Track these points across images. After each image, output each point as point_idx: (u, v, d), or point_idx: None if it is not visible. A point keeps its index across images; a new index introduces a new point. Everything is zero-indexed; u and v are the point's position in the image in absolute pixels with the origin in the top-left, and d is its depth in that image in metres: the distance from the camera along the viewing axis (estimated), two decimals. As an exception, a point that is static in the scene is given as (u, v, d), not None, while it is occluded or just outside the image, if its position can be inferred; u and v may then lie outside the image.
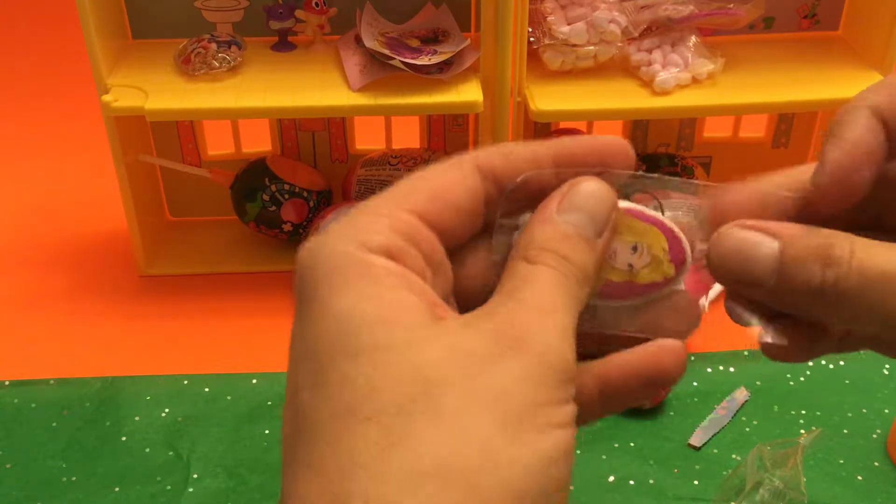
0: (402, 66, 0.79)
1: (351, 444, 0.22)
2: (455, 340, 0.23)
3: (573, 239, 0.26)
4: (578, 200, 0.26)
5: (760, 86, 0.86)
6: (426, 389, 0.22)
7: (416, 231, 0.25)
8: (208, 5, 0.88)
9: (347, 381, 0.23)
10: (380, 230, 0.25)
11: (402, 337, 0.23)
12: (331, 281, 0.24)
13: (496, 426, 0.22)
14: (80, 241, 0.98)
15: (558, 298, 0.25)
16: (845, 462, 0.69)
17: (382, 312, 0.23)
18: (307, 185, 0.91)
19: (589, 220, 0.26)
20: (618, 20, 0.84)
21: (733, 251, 0.26)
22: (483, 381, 0.22)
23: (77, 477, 0.69)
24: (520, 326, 0.23)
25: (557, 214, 0.26)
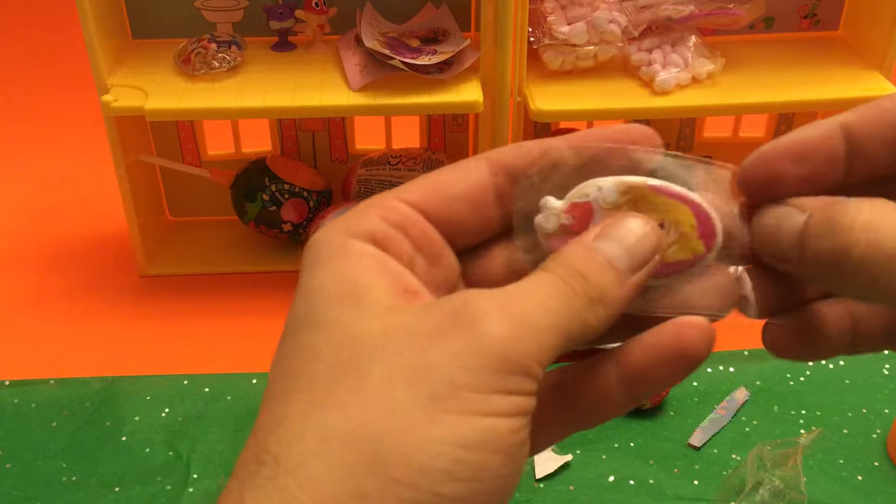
0: (402, 66, 0.79)
1: (283, 408, 0.23)
2: (405, 318, 0.23)
3: (600, 263, 0.25)
4: (619, 232, 0.25)
5: (760, 86, 0.86)
6: (356, 358, 0.23)
7: (406, 219, 0.26)
8: (208, 5, 0.88)
9: (296, 350, 0.24)
10: (367, 218, 0.26)
11: (354, 312, 0.24)
12: (313, 264, 0.25)
13: (415, 400, 0.22)
14: (80, 241, 0.98)
15: (545, 300, 0.24)
16: (845, 462, 0.69)
17: (344, 289, 0.24)
18: (307, 185, 0.91)
19: (624, 253, 0.25)
20: (618, 20, 0.84)
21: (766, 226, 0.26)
22: (414, 355, 0.22)
23: (77, 477, 0.69)
24: (472, 309, 0.23)
25: (593, 241, 0.25)
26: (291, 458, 0.22)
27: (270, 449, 0.22)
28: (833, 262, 0.24)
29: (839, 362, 0.79)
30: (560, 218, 0.27)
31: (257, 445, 0.23)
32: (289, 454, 0.22)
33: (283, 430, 0.23)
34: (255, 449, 0.23)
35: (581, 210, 0.27)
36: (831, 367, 0.78)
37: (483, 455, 0.22)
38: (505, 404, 0.22)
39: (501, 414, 0.22)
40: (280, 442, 0.22)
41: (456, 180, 0.27)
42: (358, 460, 0.21)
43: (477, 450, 0.22)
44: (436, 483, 0.21)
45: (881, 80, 0.86)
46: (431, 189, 0.27)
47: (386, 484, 0.21)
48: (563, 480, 0.68)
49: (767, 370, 0.78)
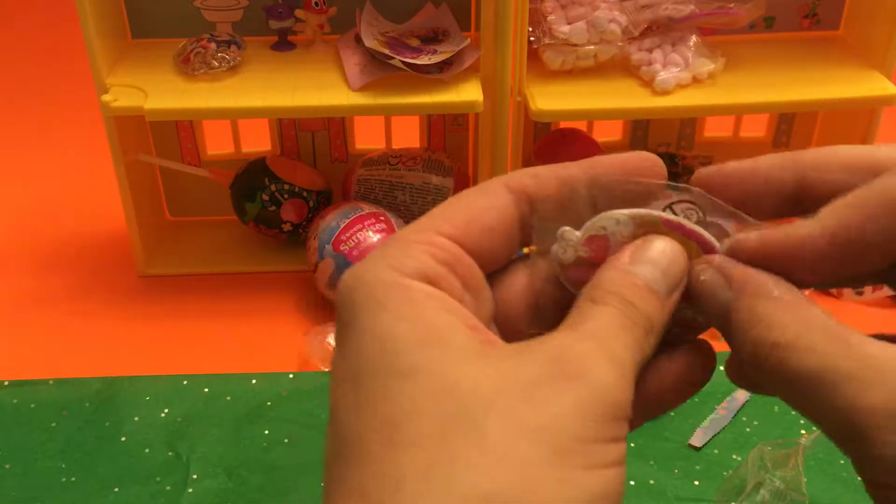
0: (401, 66, 0.79)
1: (393, 465, 0.22)
2: (503, 364, 0.23)
3: (643, 289, 0.25)
4: (652, 255, 0.26)
5: (761, 85, 0.86)
6: (470, 412, 0.22)
7: (453, 256, 0.25)
8: (208, 5, 0.88)
9: (389, 401, 0.22)
10: (417, 255, 0.25)
11: (443, 357, 0.23)
12: (370, 305, 0.24)
13: (541, 457, 0.21)
14: (80, 241, 0.98)
15: (620, 337, 0.24)
16: (846, 462, 0.69)
17: (422, 334, 0.23)
18: (307, 184, 0.91)
19: (661, 276, 0.25)
20: (618, 20, 0.84)
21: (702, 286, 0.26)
22: (530, 408, 0.22)
23: (76, 477, 0.69)
24: (576, 356, 0.23)
25: (630, 265, 0.25)
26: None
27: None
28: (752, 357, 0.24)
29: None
30: (577, 250, 0.27)
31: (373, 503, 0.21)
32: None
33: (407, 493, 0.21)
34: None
35: (598, 242, 0.27)
36: (832, 367, 0.78)
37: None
38: (621, 450, 0.22)
39: (619, 462, 0.22)
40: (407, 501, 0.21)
41: (488, 210, 0.26)
42: None
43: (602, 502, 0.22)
44: None
45: (881, 79, 0.86)
46: (467, 220, 0.26)
47: None
48: (564, 481, 0.68)
49: (768, 370, 0.77)
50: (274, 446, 0.71)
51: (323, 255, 0.83)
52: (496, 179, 0.27)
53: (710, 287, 0.25)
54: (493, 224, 0.26)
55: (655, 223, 0.27)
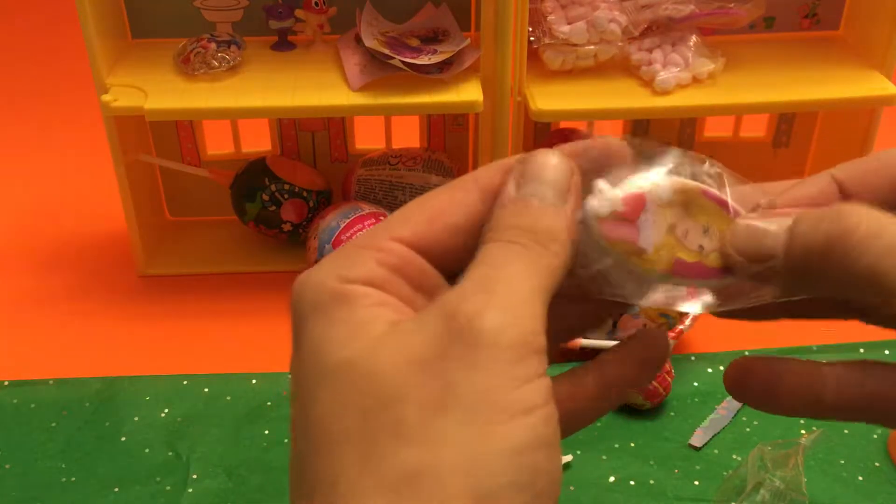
0: (401, 66, 0.79)
1: (330, 469, 0.22)
2: (406, 344, 0.23)
3: (535, 208, 0.25)
4: (534, 172, 0.26)
5: (761, 85, 0.86)
6: (386, 404, 0.22)
7: (402, 260, 0.25)
8: (208, 5, 0.88)
9: (318, 402, 0.23)
10: (363, 262, 0.25)
11: (362, 349, 0.23)
12: (311, 312, 0.25)
13: (458, 426, 0.22)
14: (80, 241, 0.98)
15: (513, 268, 0.24)
16: (846, 462, 0.69)
17: (349, 330, 0.24)
18: (307, 184, 0.91)
19: (549, 188, 0.25)
20: (618, 20, 0.84)
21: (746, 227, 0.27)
22: (437, 383, 0.22)
23: (76, 477, 0.69)
24: (466, 313, 0.23)
25: (515, 192, 0.26)
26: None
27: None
28: (826, 248, 0.24)
29: (840, 362, 0.79)
30: (614, 204, 0.27)
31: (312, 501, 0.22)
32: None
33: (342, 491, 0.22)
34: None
35: (635, 201, 0.27)
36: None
37: (536, 453, 0.22)
38: (534, 392, 0.22)
39: (536, 405, 0.22)
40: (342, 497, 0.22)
41: (451, 210, 0.26)
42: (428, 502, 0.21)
43: (531, 448, 0.22)
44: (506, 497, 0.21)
45: (881, 79, 0.86)
46: (427, 221, 0.26)
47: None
48: (564, 481, 0.68)
49: (768, 370, 0.77)
50: (274, 446, 0.71)
51: (323, 254, 0.83)
52: (468, 176, 0.27)
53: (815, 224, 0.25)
54: (458, 221, 0.26)
55: (693, 191, 0.27)
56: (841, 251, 0.24)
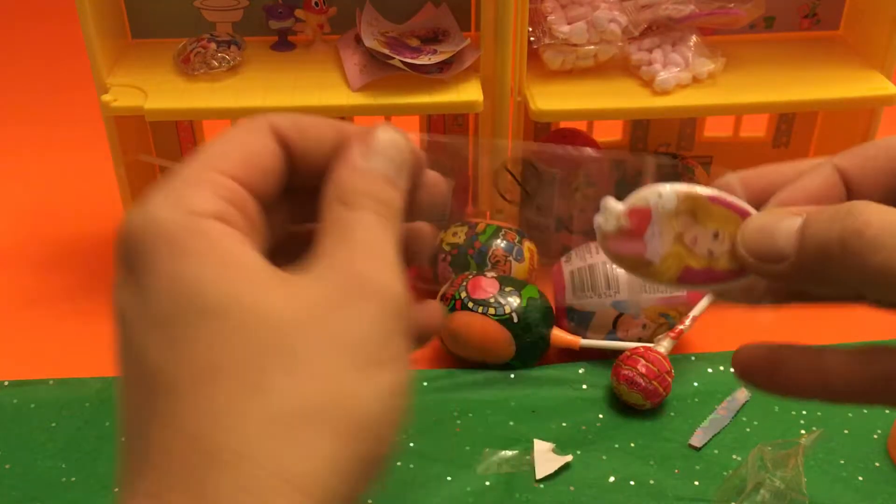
0: (402, 66, 0.79)
1: (212, 400, 0.23)
2: (304, 290, 0.25)
3: (383, 182, 0.28)
4: (380, 147, 0.28)
5: (761, 85, 0.86)
6: (279, 339, 0.23)
7: (238, 196, 0.26)
8: (208, 5, 0.88)
9: (201, 341, 0.23)
10: (204, 195, 0.25)
11: (250, 291, 0.24)
12: (168, 249, 0.24)
13: (346, 367, 0.24)
14: (80, 241, 0.98)
15: (385, 238, 0.27)
16: (846, 462, 0.69)
17: (226, 271, 0.24)
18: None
19: (391, 164, 0.28)
20: (618, 20, 0.84)
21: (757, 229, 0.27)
22: (332, 326, 0.24)
23: (76, 477, 0.69)
24: (361, 272, 0.25)
25: (364, 161, 0.28)
26: (243, 444, 0.22)
27: (215, 439, 0.22)
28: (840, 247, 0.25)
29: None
30: (620, 220, 0.28)
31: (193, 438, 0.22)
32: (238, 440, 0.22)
33: (221, 418, 0.22)
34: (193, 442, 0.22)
35: (640, 215, 0.28)
36: (832, 367, 0.78)
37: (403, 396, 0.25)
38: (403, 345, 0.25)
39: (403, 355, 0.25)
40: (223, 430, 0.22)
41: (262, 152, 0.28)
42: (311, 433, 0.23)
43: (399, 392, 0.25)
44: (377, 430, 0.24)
45: (881, 79, 0.86)
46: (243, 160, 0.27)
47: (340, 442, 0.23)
48: (564, 481, 0.68)
49: (768, 370, 0.77)
50: (274, 446, 0.71)
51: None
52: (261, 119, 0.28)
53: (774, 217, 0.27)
54: (266, 166, 0.28)
55: (699, 198, 0.28)
56: (855, 249, 0.25)
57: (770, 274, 0.27)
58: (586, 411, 0.74)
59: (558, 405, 0.75)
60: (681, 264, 0.28)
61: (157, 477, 0.23)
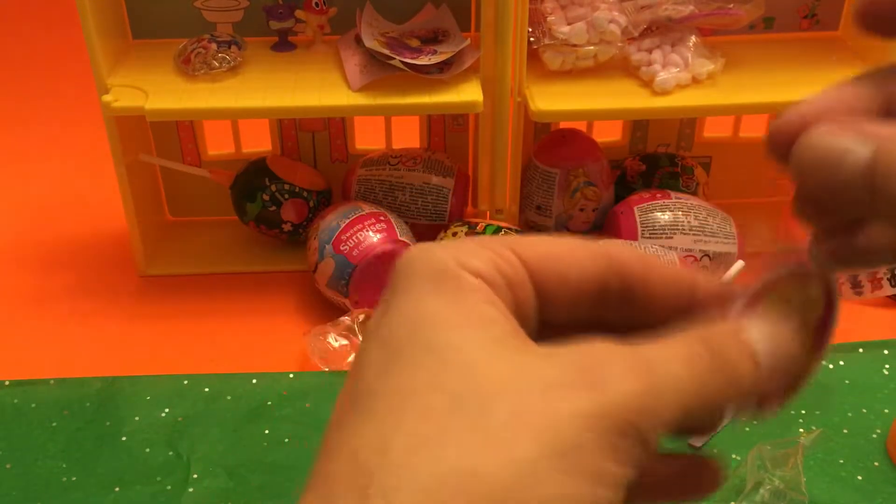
0: (402, 66, 0.79)
1: (391, 431, 0.22)
2: (529, 360, 0.23)
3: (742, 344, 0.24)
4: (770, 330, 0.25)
5: (760, 86, 0.86)
6: (480, 397, 0.22)
7: (515, 276, 0.25)
8: (208, 5, 0.88)
9: (411, 370, 0.22)
10: (482, 257, 0.25)
11: (476, 342, 0.23)
12: (421, 282, 0.24)
13: (538, 453, 0.21)
14: (80, 241, 0.98)
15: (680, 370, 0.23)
16: (845, 462, 0.69)
17: (462, 318, 0.23)
18: (307, 185, 0.91)
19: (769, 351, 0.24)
20: (618, 20, 0.84)
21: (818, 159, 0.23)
22: (540, 405, 0.21)
23: (77, 477, 0.69)
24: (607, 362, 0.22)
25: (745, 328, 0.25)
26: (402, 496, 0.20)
27: (380, 479, 0.21)
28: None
29: (839, 362, 0.79)
30: None
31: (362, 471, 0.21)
32: (399, 489, 0.20)
33: (393, 459, 0.21)
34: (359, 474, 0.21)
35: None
36: (831, 367, 0.78)
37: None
38: (618, 474, 0.22)
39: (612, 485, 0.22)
40: (389, 474, 0.21)
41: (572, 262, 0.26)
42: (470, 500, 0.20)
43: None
44: None
45: (881, 80, 0.86)
46: (546, 256, 0.25)
47: None
48: (564, 480, 0.68)
49: (767, 370, 0.77)
50: (274, 446, 0.71)
51: (323, 255, 0.83)
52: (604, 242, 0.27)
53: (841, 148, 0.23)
54: (569, 275, 0.25)
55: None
56: None
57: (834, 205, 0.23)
58: (586, 411, 0.74)
59: (558, 405, 0.75)
60: None
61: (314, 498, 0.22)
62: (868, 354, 0.79)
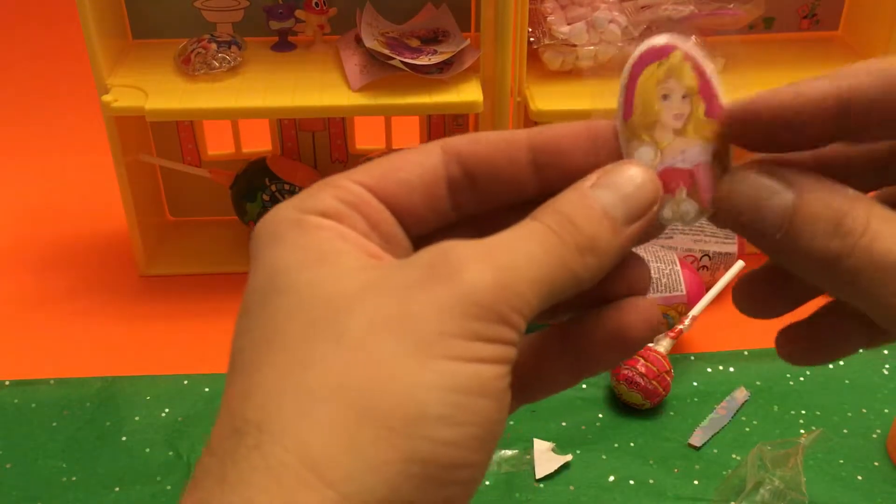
0: (402, 66, 0.79)
1: (257, 373, 0.22)
2: (381, 273, 0.23)
3: (594, 211, 0.24)
4: (618, 180, 0.25)
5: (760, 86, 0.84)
6: (333, 314, 0.22)
7: (360, 199, 0.25)
8: (208, 5, 0.88)
9: (266, 317, 0.23)
10: (321, 197, 0.25)
11: (326, 273, 0.23)
12: (268, 240, 0.25)
13: (400, 349, 0.21)
14: (80, 241, 0.98)
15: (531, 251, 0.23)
16: (845, 462, 0.69)
17: (310, 256, 0.24)
18: (307, 185, 0.90)
19: (621, 202, 0.24)
20: (618, 20, 0.84)
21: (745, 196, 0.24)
22: (395, 305, 0.22)
23: (77, 477, 0.69)
24: (456, 259, 0.22)
25: (591, 189, 0.24)
26: (274, 423, 0.21)
27: (248, 417, 0.21)
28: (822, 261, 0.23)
29: (839, 362, 0.79)
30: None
31: (232, 416, 0.22)
32: (270, 419, 0.21)
33: (260, 395, 0.21)
34: (231, 420, 0.22)
35: None
36: (831, 367, 0.78)
37: (474, 398, 0.21)
38: (489, 351, 0.22)
39: (486, 360, 0.22)
40: (258, 408, 0.21)
41: (409, 166, 0.26)
42: (347, 414, 0.21)
43: (468, 393, 0.21)
44: (431, 428, 0.21)
45: (881, 80, 0.86)
46: (384, 172, 0.26)
47: (380, 434, 0.20)
48: (563, 480, 0.68)
49: (767, 370, 0.78)
50: (274, 446, 0.71)
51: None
52: (437, 140, 0.27)
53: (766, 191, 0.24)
54: (411, 178, 0.26)
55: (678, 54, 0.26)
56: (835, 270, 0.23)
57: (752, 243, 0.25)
58: (586, 411, 0.74)
59: (558, 405, 0.75)
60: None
61: (203, 458, 0.22)
62: (868, 354, 0.79)
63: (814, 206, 0.23)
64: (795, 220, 0.23)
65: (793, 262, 0.24)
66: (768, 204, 0.24)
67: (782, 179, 0.24)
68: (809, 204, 0.23)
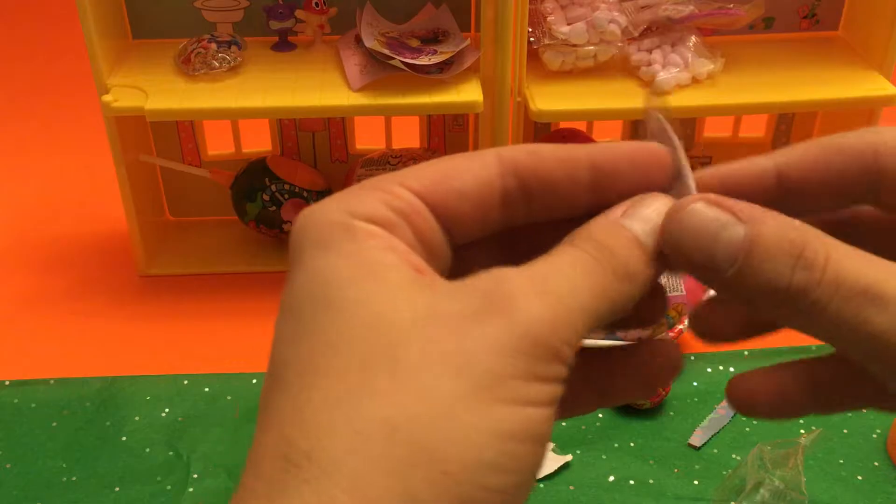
0: (402, 66, 0.79)
1: (308, 396, 0.21)
2: (434, 300, 0.22)
3: (628, 239, 0.24)
4: (648, 213, 0.25)
5: (760, 86, 0.86)
6: (390, 345, 0.21)
7: (410, 207, 0.24)
8: (208, 5, 0.88)
9: (317, 333, 0.22)
10: (370, 202, 0.24)
11: (375, 291, 0.22)
12: (314, 243, 0.24)
13: (457, 389, 0.21)
14: (80, 241, 0.98)
15: (580, 281, 0.23)
16: (845, 462, 0.69)
17: (357, 269, 0.23)
18: (307, 185, 0.91)
19: (652, 232, 0.24)
20: (618, 20, 0.84)
21: (691, 230, 0.23)
22: (452, 341, 0.21)
23: (77, 477, 0.69)
24: (510, 290, 0.22)
25: (621, 218, 0.24)
26: (325, 456, 0.20)
27: (299, 445, 0.21)
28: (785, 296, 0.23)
29: (839, 362, 0.79)
30: None
31: (280, 440, 0.21)
32: (322, 449, 0.20)
33: (311, 423, 0.21)
34: (278, 444, 0.21)
35: None
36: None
37: (525, 445, 0.21)
38: (544, 392, 0.22)
39: (540, 403, 0.21)
40: (308, 436, 0.21)
41: (464, 175, 0.25)
42: (401, 454, 0.20)
43: (520, 440, 0.21)
44: (484, 476, 0.20)
45: (881, 80, 0.86)
46: (437, 179, 0.25)
47: (435, 478, 0.20)
48: (563, 480, 0.68)
49: (767, 370, 0.78)
50: (274, 446, 0.71)
51: (323, 255, 0.83)
52: (492, 149, 0.26)
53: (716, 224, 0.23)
54: (464, 188, 0.25)
55: None
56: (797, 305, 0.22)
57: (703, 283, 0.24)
58: (586, 411, 0.74)
59: (558, 405, 0.75)
60: None
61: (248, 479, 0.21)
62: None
63: (770, 238, 0.23)
64: (753, 254, 0.23)
65: (748, 298, 0.23)
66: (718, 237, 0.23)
67: (729, 211, 0.23)
68: (765, 237, 0.23)
